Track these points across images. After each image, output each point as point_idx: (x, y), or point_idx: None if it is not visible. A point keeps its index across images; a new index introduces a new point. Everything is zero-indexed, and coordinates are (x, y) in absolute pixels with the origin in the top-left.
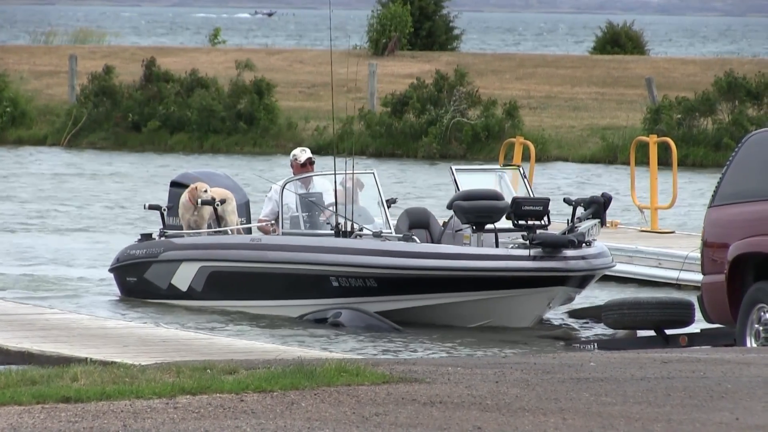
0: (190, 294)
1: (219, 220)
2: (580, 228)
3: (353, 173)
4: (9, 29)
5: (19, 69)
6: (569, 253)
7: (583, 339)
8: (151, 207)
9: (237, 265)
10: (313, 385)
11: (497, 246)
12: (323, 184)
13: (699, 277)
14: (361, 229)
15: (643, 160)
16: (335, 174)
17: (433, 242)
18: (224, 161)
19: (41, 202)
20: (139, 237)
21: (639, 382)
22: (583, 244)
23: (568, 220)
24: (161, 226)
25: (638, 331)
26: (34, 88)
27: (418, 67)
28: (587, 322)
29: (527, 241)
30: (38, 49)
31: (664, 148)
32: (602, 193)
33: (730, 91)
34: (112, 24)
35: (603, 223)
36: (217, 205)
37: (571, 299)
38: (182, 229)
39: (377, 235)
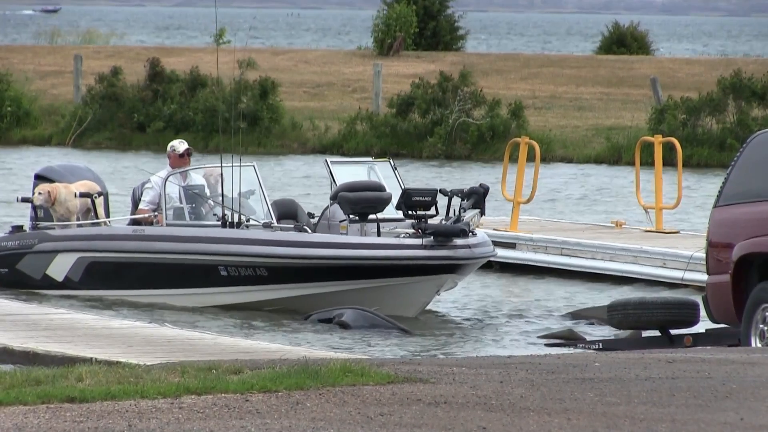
0: (65, 284)
1: (95, 212)
2: (464, 218)
3: (240, 166)
4: (17, 29)
5: (24, 69)
6: (459, 242)
7: (587, 339)
8: (24, 200)
9: (120, 255)
10: (318, 385)
11: (379, 235)
12: (198, 177)
13: (704, 277)
14: (248, 220)
15: (647, 160)
16: (222, 167)
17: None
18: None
19: None
20: (10, 229)
21: (643, 383)
22: (469, 234)
23: (454, 211)
24: (32, 218)
25: (643, 331)
26: (39, 88)
27: (423, 67)
28: (592, 322)
29: (418, 230)
30: (42, 48)
31: (668, 148)
32: (480, 184)
33: (734, 92)
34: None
35: (483, 213)
36: (95, 197)
37: (454, 286)
38: (50, 221)
39: (267, 225)
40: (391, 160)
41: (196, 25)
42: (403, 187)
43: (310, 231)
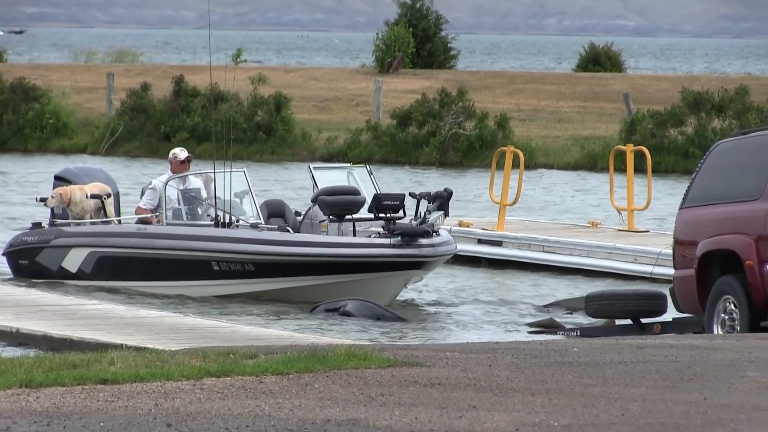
0: (78, 275)
1: (105, 211)
2: (429, 219)
3: (231, 171)
4: (54, 48)
5: (62, 85)
6: (424, 241)
7: (567, 327)
8: (42, 199)
9: (126, 250)
10: (325, 368)
11: (354, 234)
12: (196, 181)
13: (671, 271)
14: (238, 221)
15: (620, 167)
16: (215, 172)
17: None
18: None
19: None
20: (31, 225)
21: (617, 366)
22: (433, 234)
23: (420, 213)
24: (51, 216)
25: (616, 320)
26: (75, 103)
27: (420, 83)
28: (571, 312)
29: (388, 231)
30: (78, 67)
31: (639, 156)
32: (444, 188)
33: (696, 105)
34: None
35: (447, 215)
36: (104, 198)
37: (420, 279)
38: (67, 219)
39: (254, 225)
40: (367, 166)
41: (224, 46)
42: (377, 189)
43: (292, 231)
